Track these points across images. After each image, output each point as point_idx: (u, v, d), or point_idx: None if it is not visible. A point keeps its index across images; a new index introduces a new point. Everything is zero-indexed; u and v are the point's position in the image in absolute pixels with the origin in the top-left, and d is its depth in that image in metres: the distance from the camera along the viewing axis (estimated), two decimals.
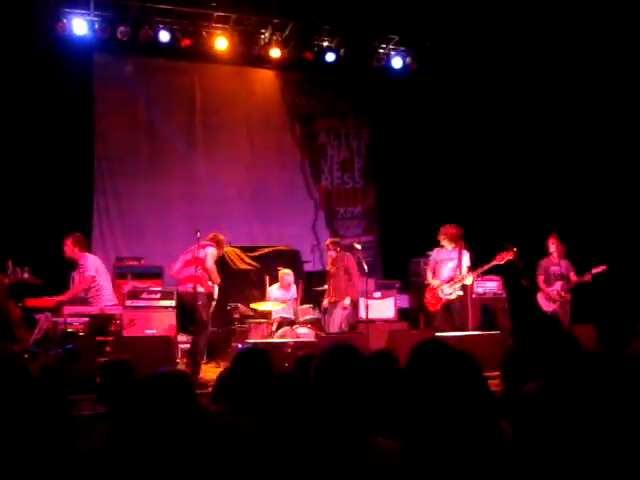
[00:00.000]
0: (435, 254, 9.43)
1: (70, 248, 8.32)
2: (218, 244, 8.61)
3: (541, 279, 9.72)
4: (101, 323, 8.21)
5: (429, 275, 9.36)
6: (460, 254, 9.20)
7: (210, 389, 4.98)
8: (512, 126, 11.77)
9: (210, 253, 8.41)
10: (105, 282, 8.44)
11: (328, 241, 10.28)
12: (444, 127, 12.75)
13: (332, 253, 9.88)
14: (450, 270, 9.16)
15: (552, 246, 9.66)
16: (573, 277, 9.60)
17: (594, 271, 9.41)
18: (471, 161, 12.41)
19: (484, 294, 10.85)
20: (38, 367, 5.32)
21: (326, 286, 9.97)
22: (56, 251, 8.50)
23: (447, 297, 9.07)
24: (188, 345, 8.82)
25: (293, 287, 10.30)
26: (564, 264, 9.66)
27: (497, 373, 3.67)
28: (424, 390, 2.60)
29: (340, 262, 9.77)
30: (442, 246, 9.31)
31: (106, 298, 8.39)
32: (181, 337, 9.48)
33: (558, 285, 9.59)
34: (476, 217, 11.78)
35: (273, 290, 10.13)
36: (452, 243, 9.20)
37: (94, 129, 11.94)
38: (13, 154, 10.70)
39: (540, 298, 9.76)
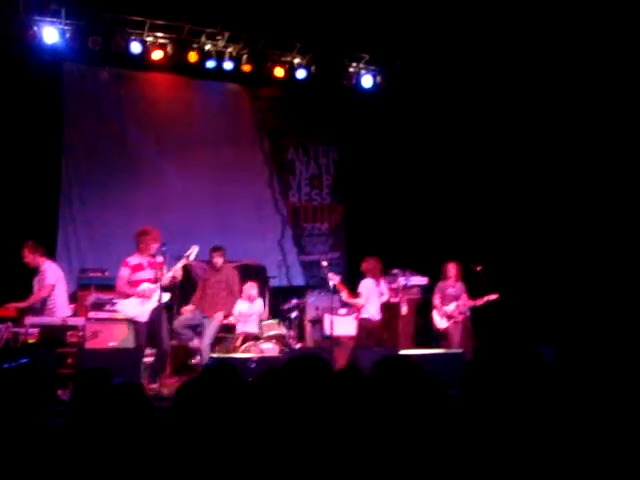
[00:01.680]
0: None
1: (29, 255, 8.26)
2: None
3: (437, 298, 10.35)
4: (55, 334, 8.12)
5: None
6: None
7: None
8: (481, 142, 11.91)
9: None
10: (62, 292, 8.38)
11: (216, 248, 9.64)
12: (412, 146, 12.87)
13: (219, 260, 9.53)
14: None
15: (451, 270, 10.23)
16: (466, 299, 10.20)
17: (486, 298, 10.04)
18: (439, 178, 12.53)
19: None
20: None
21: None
22: (19, 260, 8.42)
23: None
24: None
25: (259, 301, 10.24)
26: (459, 286, 10.27)
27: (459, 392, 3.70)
28: (386, 406, 2.62)
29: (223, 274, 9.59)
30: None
31: (62, 309, 8.32)
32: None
33: (453, 305, 10.19)
34: (441, 234, 11.94)
35: (238, 304, 10.09)
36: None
37: (62, 137, 11.85)
38: None
39: (435, 316, 10.37)
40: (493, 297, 9.99)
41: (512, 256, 10.99)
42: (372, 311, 9.66)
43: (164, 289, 8.33)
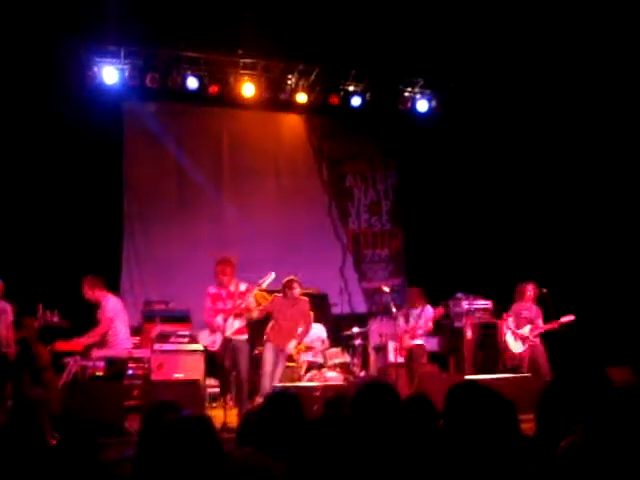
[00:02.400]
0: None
1: (88, 290, 8.38)
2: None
3: (510, 321, 9.97)
4: (119, 366, 8.22)
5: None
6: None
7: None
8: (541, 164, 11.74)
9: None
10: (122, 325, 8.47)
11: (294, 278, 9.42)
12: (471, 169, 12.74)
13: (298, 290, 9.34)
14: None
15: (529, 291, 9.81)
16: (541, 323, 9.77)
17: (562, 320, 9.61)
18: (500, 202, 12.36)
19: None
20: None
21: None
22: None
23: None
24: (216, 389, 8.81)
25: (318, 327, 10.17)
26: (534, 309, 9.86)
27: (528, 416, 3.60)
28: (462, 433, 2.55)
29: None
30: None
31: (123, 341, 8.41)
32: (209, 381, 9.43)
33: (527, 329, 9.79)
34: (505, 257, 11.74)
35: None
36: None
37: (123, 175, 12.12)
38: (44, 200, 10.88)
39: (509, 339, 9.95)
40: (569, 319, 9.61)
41: (577, 278, 10.74)
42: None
43: (237, 318, 8.33)
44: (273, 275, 8.46)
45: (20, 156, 10.76)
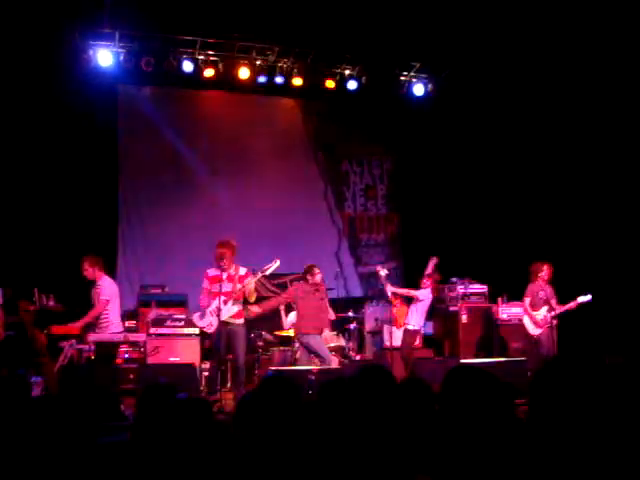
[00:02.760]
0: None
1: (88, 267, 8.38)
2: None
3: (527, 302, 9.85)
4: (110, 350, 8.23)
5: None
6: None
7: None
8: (535, 151, 11.73)
9: None
10: (116, 308, 8.50)
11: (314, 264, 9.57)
12: (467, 153, 12.73)
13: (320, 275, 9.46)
14: None
15: (545, 270, 9.70)
16: (555, 304, 9.67)
17: (579, 300, 9.52)
18: (495, 186, 12.36)
19: (509, 320, 10.75)
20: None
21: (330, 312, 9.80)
22: (81, 279, 8.57)
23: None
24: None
25: None
26: (549, 290, 9.75)
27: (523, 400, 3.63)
28: (458, 416, 2.57)
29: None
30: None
31: (114, 325, 8.43)
32: (204, 365, 9.47)
33: (544, 310, 9.67)
34: (500, 242, 11.76)
35: (291, 315, 10.11)
36: None
37: (118, 157, 12.08)
38: (39, 183, 10.85)
39: (526, 321, 9.87)
40: (587, 299, 9.46)
41: (574, 261, 10.74)
42: None
43: (236, 302, 8.32)
44: (278, 263, 8.49)
45: (15, 140, 10.72)
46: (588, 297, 9.46)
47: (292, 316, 10.07)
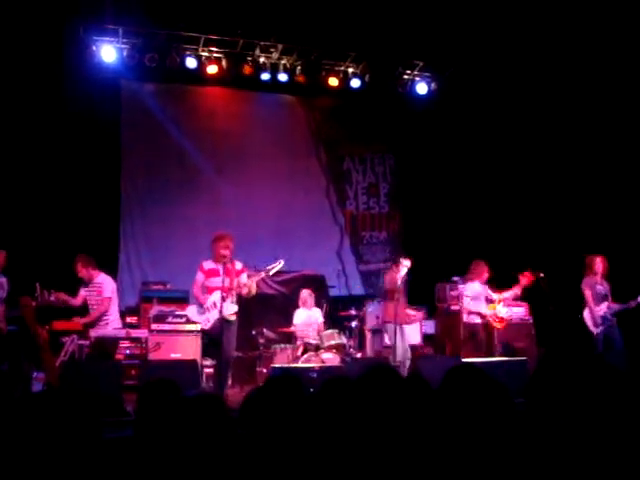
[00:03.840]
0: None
1: (82, 269, 8.41)
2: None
3: (589, 296, 9.31)
4: (106, 346, 8.24)
5: None
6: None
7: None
8: (539, 149, 11.74)
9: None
10: (115, 305, 8.54)
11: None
12: (469, 152, 12.74)
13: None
14: None
15: (599, 265, 9.29)
16: (611, 302, 9.25)
17: None
18: (497, 185, 12.36)
19: (510, 319, 10.73)
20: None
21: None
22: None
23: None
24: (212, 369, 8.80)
25: (316, 310, 10.25)
26: (606, 285, 9.38)
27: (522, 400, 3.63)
28: (456, 415, 2.57)
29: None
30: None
31: (115, 322, 8.45)
32: (205, 361, 9.46)
33: (605, 306, 9.23)
34: (501, 241, 11.75)
35: (299, 313, 10.11)
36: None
37: (121, 154, 12.09)
38: (41, 179, 10.85)
39: (587, 318, 9.36)
40: None
41: (574, 260, 10.73)
42: None
43: (237, 299, 8.26)
44: (282, 262, 8.46)
45: (18, 134, 10.72)
46: None
47: (300, 313, 10.07)
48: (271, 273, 8.51)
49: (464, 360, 8.32)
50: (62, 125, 11.00)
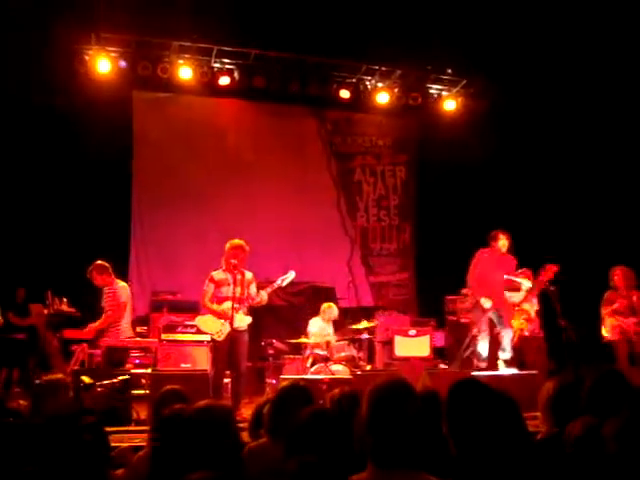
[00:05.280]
0: None
1: (97, 276, 8.34)
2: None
3: (607, 310, 9.02)
4: (117, 355, 8.20)
5: None
6: None
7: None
8: (549, 164, 11.73)
9: None
10: (128, 314, 8.48)
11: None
12: (480, 165, 12.71)
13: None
14: None
15: (616, 279, 8.93)
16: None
17: None
18: (508, 198, 12.34)
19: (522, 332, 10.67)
20: (90, 398, 5.36)
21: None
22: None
23: None
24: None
25: (331, 324, 10.22)
26: (636, 295, 8.90)
27: (535, 414, 3.61)
28: (464, 430, 2.56)
29: None
30: None
31: (127, 330, 8.41)
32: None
33: (631, 320, 8.84)
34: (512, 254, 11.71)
35: (316, 322, 10.04)
36: None
37: (132, 163, 12.16)
38: (54, 187, 10.90)
39: (607, 328, 9.05)
40: None
41: (591, 271, 10.66)
42: None
43: (248, 311, 8.16)
44: (293, 274, 8.39)
45: (31, 143, 10.77)
46: None
47: (315, 321, 10.02)
48: (283, 284, 8.45)
49: (474, 373, 8.29)
50: (74, 134, 11.03)
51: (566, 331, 9.03)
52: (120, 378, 6.50)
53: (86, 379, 6.31)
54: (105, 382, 6.40)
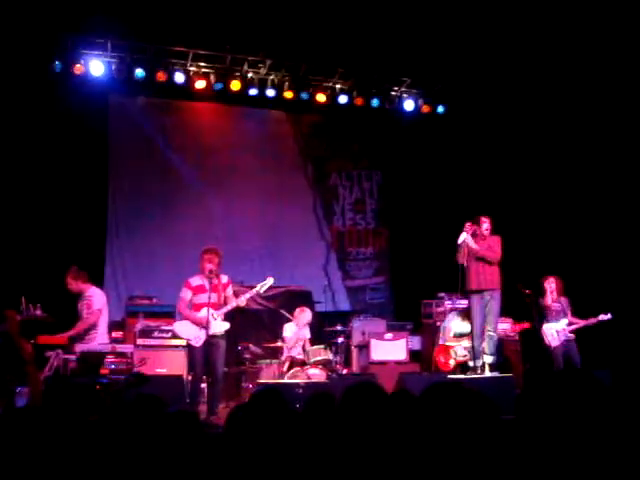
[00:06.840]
0: None
1: (72, 281, 8.35)
2: None
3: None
4: (93, 361, 8.16)
5: None
6: None
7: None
8: (522, 168, 11.83)
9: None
10: (104, 319, 8.48)
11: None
12: (456, 169, 12.80)
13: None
14: None
15: (549, 286, 9.76)
16: (572, 317, 9.65)
17: (601, 317, 9.46)
18: (484, 202, 12.41)
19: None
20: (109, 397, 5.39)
21: None
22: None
23: None
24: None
25: (306, 327, 10.22)
26: (563, 300, 9.75)
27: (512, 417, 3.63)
28: (438, 428, 2.57)
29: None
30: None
31: (102, 336, 8.40)
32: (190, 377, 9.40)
33: (564, 322, 9.61)
34: None
35: (290, 327, 10.04)
36: None
37: (108, 168, 12.07)
38: (28, 192, 10.81)
39: (545, 333, 9.75)
40: (607, 317, 9.42)
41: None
42: None
43: (225, 316, 8.19)
44: (271, 280, 8.45)
45: (4, 149, 10.68)
46: (609, 316, 9.41)
47: (291, 327, 10.01)
48: (261, 291, 8.49)
49: (450, 377, 8.35)
50: (49, 139, 10.98)
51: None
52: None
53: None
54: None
